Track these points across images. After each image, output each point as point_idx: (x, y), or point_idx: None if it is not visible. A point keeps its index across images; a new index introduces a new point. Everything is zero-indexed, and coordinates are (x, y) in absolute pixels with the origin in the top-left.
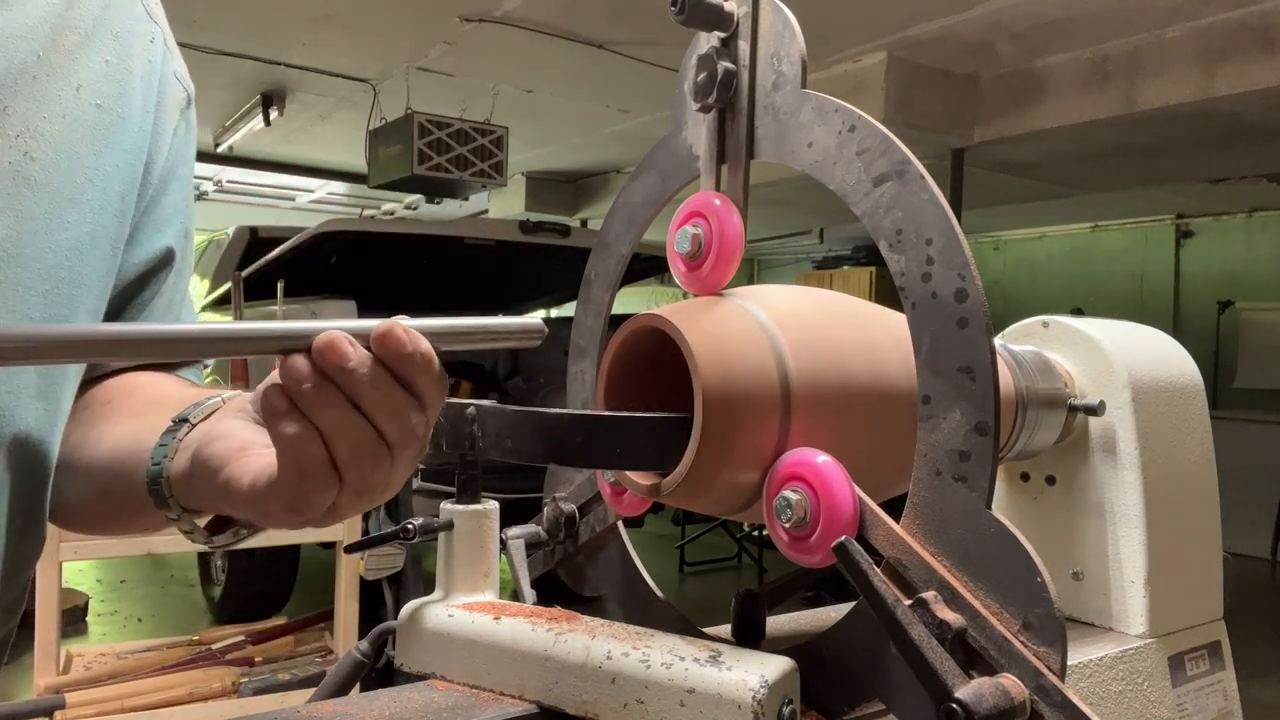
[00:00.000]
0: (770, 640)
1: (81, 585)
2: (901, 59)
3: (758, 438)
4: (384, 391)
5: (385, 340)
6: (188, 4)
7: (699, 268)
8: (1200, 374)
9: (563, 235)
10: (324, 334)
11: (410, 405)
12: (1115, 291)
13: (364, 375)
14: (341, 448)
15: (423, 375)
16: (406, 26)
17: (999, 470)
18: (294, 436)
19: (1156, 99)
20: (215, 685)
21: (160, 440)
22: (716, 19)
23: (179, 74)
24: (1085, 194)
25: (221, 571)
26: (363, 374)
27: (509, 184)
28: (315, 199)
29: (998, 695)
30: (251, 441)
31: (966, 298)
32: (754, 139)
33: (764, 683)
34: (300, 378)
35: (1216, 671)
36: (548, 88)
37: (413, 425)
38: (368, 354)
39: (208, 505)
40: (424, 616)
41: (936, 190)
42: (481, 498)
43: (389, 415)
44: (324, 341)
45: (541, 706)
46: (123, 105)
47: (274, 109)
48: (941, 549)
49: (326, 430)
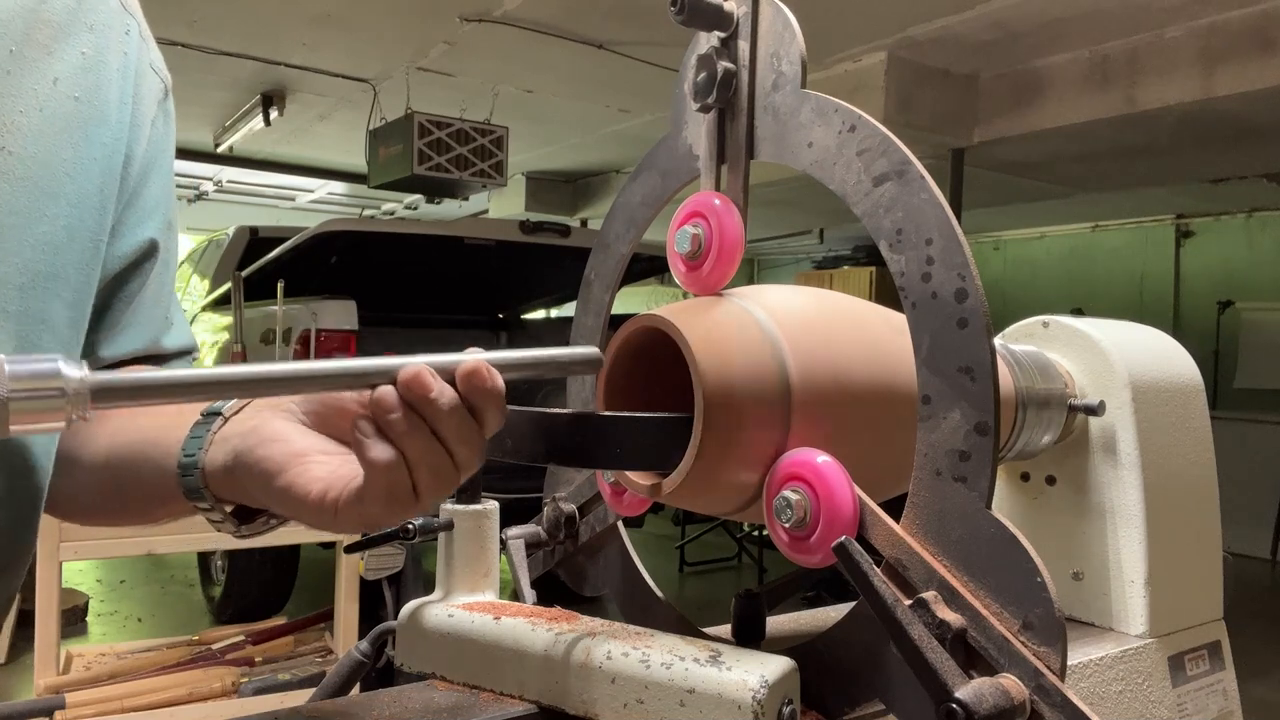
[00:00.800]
0: (770, 640)
1: (81, 585)
2: (901, 59)
3: (758, 438)
4: (459, 420)
5: (472, 378)
6: (188, 4)
7: (699, 268)
8: (1200, 374)
9: (563, 235)
10: (408, 368)
11: (478, 433)
12: (1115, 291)
13: (444, 405)
14: (424, 474)
15: (494, 407)
16: (406, 26)
17: (999, 470)
18: (386, 464)
19: (1156, 99)
20: (215, 685)
21: (192, 433)
22: (716, 19)
23: (155, 65)
24: (1085, 194)
25: (221, 571)
26: (443, 404)
27: (509, 184)
28: (315, 199)
29: (998, 695)
30: (306, 448)
31: (966, 298)
32: (754, 139)
33: (764, 683)
34: (389, 408)
35: (1216, 671)
36: (548, 88)
37: (477, 449)
38: (448, 388)
39: (253, 501)
40: (424, 616)
41: (936, 190)
42: (481, 498)
43: (462, 441)
44: (409, 375)
45: (541, 706)
46: (100, 98)
47: (274, 109)
48: (941, 549)
49: (412, 458)
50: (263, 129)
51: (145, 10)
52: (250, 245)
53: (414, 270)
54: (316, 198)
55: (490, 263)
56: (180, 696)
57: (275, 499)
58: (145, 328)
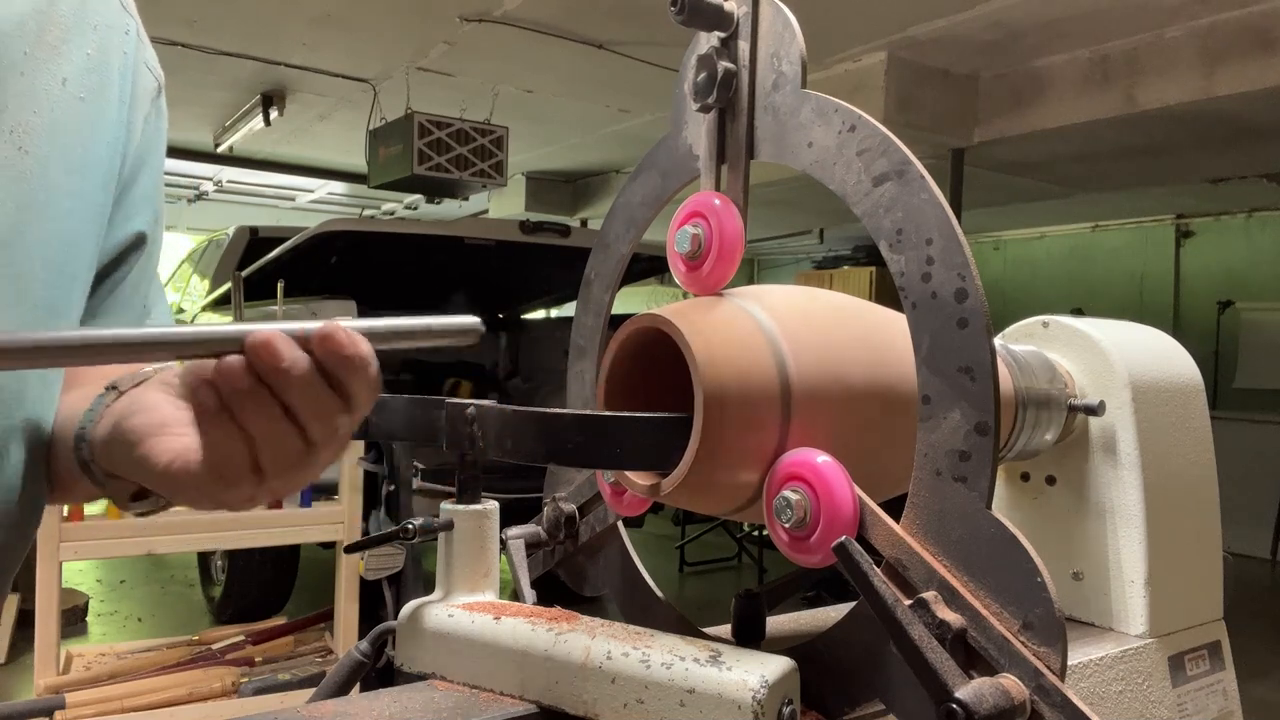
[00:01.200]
0: (770, 640)
1: (81, 585)
2: (901, 59)
3: (758, 438)
4: (315, 393)
5: (326, 342)
6: (188, 4)
7: (699, 268)
8: (1200, 374)
9: (563, 235)
10: (258, 333)
11: (339, 407)
12: (1115, 291)
13: (297, 376)
14: (267, 453)
15: (358, 377)
16: (406, 26)
17: (999, 470)
18: (220, 438)
19: (1156, 99)
20: (215, 685)
21: (90, 405)
22: (716, 19)
23: (150, 63)
24: (1085, 194)
25: (221, 571)
26: (296, 375)
27: (509, 184)
28: (315, 199)
29: (998, 695)
30: (173, 419)
31: (966, 298)
32: (754, 139)
33: (764, 683)
34: (233, 379)
35: (1216, 671)
36: (548, 88)
37: (338, 426)
38: (303, 355)
39: (125, 474)
40: (424, 616)
41: (936, 190)
42: (481, 498)
43: (316, 417)
44: (258, 340)
45: (541, 706)
46: (103, 98)
47: (274, 109)
48: (941, 549)
49: (255, 436)
50: (263, 129)
51: (145, 10)
52: (250, 245)
53: (414, 270)
54: (316, 198)
55: (490, 263)
56: (180, 696)
57: (135, 468)
58: (122, 314)
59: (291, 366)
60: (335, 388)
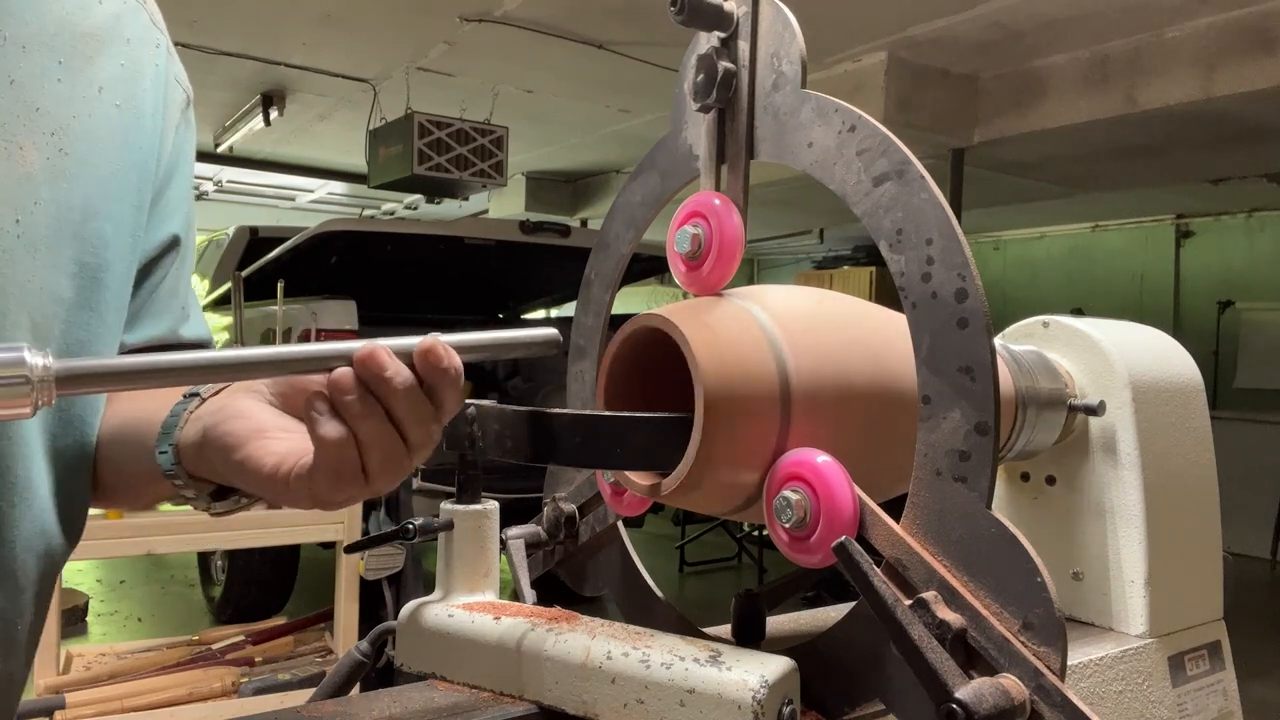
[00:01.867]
0: (770, 640)
1: (81, 585)
2: (901, 59)
3: (758, 438)
4: (414, 402)
5: (427, 356)
6: (188, 4)
7: (699, 268)
8: (1200, 374)
9: (563, 235)
10: (365, 347)
11: (433, 415)
12: (1115, 291)
13: (399, 385)
14: (375, 455)
15: (451, 388)
16: (406, 26)
17: (999, 470)
18: (336, 442)
19: (1156, 99)
20: (215, 685)
21: (172, 411)
22: (716, 19)
23: (179, 77)
24: (1085, 194)
25: (221, 571)
26: (398, 384)
27: (509, 184)
28: (315, 199)
29: (998, 695)
30: (269, 425)
31: (966, 298)
32: (754, 139)
33: (764, 683)
34: (345, 389)
35: (1216, 671)
36: (548, 88)
37: (432, 431)
38: (404, 367)
39: (218, 477)
40: (424, 616)
41: (936, 190)
42: (481, 498)
43: (416, 422)
44: (365, 352)
45: (541, 706)
46: (137, 105)
47: (274, 109)
48: (941, 549)
49: (363, 438)
50: (263, 129)
51: None
52: (250, 245)
53: (414, 270)
54: (316, 198)
55: (490, 263)
56: (180, 696)
57: (235, 472)
58: (163, 317)
59: (394, 376)
60: (430, 396)
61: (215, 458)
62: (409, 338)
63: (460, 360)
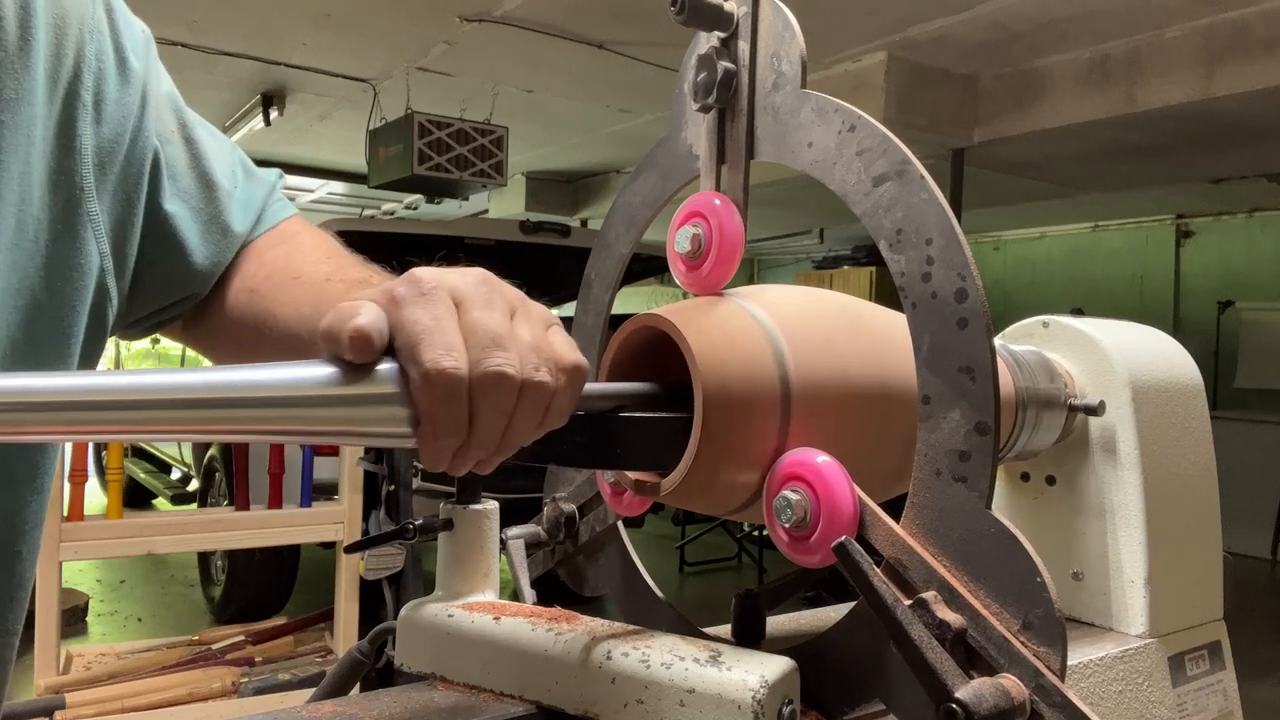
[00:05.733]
0: (770, 640)
1: (81, 585)
2: (901, 59)
3: (757, 438)
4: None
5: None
6: (188, 4)
7: (699, 268)
8: (1200, 374)
9: (563, 235)
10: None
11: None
12: (1115, 291)
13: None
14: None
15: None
16: (406, 26)
17: (999, 470)
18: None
19: (1156, 99)
20: (215, 685)
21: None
22: (716, 19)
23: (101, 54)
24: (1085, 194)
25: (221, 571)
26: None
27: (509, 184)
28: (315, 199)
29: (998, 695)
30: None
31: (966, 298)
32: (754, 139)
33: (764, 683)
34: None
35: (1216, 671)
36: (548, 88)
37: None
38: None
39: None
40: (424, 616)
41: (936, 190)
42: (481, 498)
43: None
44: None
45: (541, 706)
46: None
47: (274, 109)
48: (941, 549)
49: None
50: (263, 129)
51: (146, 10)
52: None
53: None
54: (316, 198)
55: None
56: (180, 696)
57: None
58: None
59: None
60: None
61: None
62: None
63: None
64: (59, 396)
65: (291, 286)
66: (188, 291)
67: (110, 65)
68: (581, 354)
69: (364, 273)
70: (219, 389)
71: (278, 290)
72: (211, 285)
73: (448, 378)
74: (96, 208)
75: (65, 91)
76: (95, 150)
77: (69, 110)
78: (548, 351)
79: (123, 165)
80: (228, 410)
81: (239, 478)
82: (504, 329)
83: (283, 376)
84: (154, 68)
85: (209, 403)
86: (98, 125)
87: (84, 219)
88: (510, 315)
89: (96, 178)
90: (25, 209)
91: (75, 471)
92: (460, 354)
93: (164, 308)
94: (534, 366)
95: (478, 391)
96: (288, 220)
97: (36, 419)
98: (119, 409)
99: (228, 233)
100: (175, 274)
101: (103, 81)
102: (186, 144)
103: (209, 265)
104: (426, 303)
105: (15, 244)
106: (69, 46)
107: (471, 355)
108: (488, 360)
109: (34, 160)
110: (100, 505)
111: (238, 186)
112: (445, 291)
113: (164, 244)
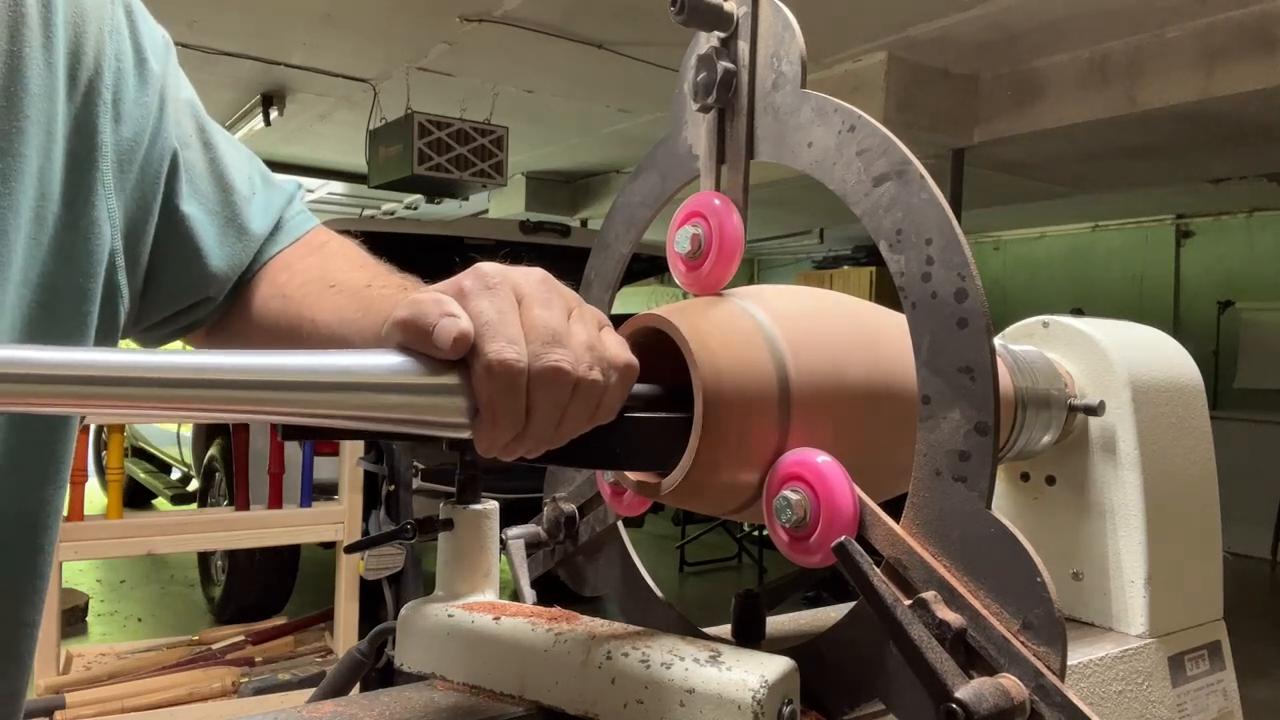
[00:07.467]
0: (770, 640)
1: (81, 585)
2: (901, 59)
3: (757, 438)
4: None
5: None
6: (188, 4)
7: (699, 268)
8: (1200, 374)
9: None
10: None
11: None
12: (1115, 291)
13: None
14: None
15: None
16: (406, 26)
17: (999, 470)
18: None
19: (1156, 99)
20: (215, 685)
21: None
22: (716, 19)
23: (120, 53)
24: (1085, 194)
25: (221, 571)
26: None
27: (509, 184)
28: (315, 199)
29: (998, 695)
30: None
31: (966, 298)
32: (754, 139)
33: (764, 683)
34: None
35: (1216, 671)
36: (548, 88)
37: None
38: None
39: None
40: (424, 616)
41: (936, 190)
42: (481, 498)
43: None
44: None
45: (541, 706)
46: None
47: (274, 109)
48: (941, 549)
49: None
50: (263, 129)
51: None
52: None
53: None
54: (316, 198)
55: None
56: (180, 696)
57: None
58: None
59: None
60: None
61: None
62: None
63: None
64: (151, 373)
65: (329, 294)
66: (205, 294)
67: (129, 65)
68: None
69: (402, 280)
70: (288, 372)
71: (315, 297)
72: (229, 288)
73: (509, 369)
74: (115, 204)
75: (85, 89)
76: (115, 148)
77: (89, 108)
78: (601, 350)
79: (141, 165)
80: (294, 393)
81: (239, 478)
82: (562, 327)
83: (357, 363)
84: (173, 72)
85: (276, 385)
86: (117, 124)
87: (102, 215)
88: (568, 315)
89: (116, 176)
90: (44, 204)
91: (75, 471)
92: (522, 348)
93: (183, 310)
94: (588, 364)
95: (536, 384)
96: (314, 231)
97: (134, 393)
98: (197, 387)
99: (244, 235)
100: (192, 275)
101: (122, 81)
102: (205, 149)
103: (226, 267)
104: (492, 296)
105: (34, 237)
106: (88, 45)
107: (531, 350)
108: (547, 355)
109: (54, 156)
110: (100, 505)
111: (255, 192)
112: (509, 287)
113: (181, 245)
